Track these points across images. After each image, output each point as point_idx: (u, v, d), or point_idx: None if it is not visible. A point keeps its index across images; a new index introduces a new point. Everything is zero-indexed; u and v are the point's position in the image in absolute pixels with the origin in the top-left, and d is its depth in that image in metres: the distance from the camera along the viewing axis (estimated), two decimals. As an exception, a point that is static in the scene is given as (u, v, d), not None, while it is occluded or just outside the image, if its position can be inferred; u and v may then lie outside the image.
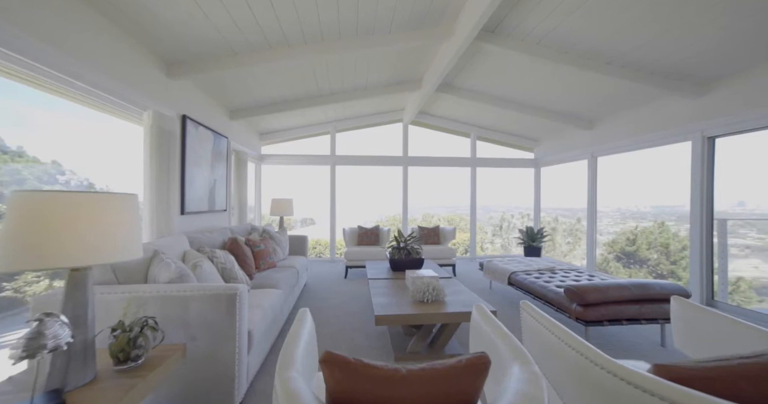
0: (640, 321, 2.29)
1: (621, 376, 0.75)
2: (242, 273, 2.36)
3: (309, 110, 4.74)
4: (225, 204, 3.86)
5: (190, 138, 2.93)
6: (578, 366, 0.89)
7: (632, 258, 9.01)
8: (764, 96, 2.83)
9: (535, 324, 1.14)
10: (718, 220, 3.47)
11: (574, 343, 0.94)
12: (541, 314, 1.13)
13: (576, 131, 4.93)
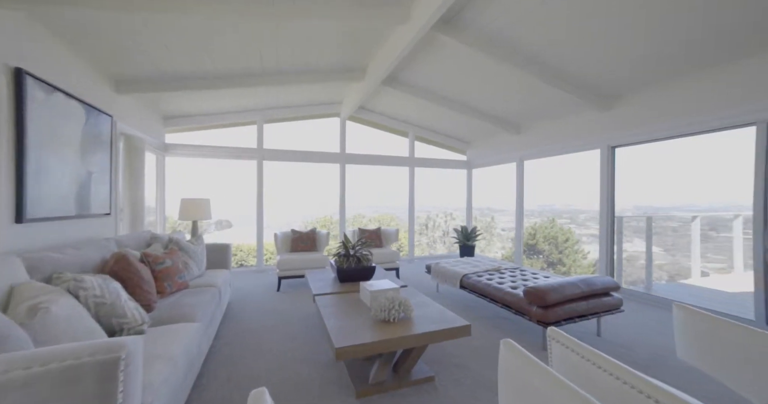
0: (587, 316, 2.34)
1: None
2: (134, 306, 1.60)
3: (232, 93, 3.88)
4: (108, 206, 2.81)
5: (35, 107, 1.93)
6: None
7: (532, 250, 10.27)
8: (652, 114, 3.29)
9: (572, 356, 0.87)
10: (618, 217, 3.98)
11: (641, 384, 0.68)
12: (580, 344, 0.87)
13: (506, 135, 5.20)
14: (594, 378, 0.82)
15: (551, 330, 0.97)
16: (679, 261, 5.23)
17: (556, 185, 12.26)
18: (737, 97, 2.71)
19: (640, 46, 2.67)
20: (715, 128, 2.91)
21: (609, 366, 0.80)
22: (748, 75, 2.63)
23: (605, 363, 0.79)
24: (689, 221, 4.51)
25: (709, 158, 5.71)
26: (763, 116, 2.58)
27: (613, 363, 0.79)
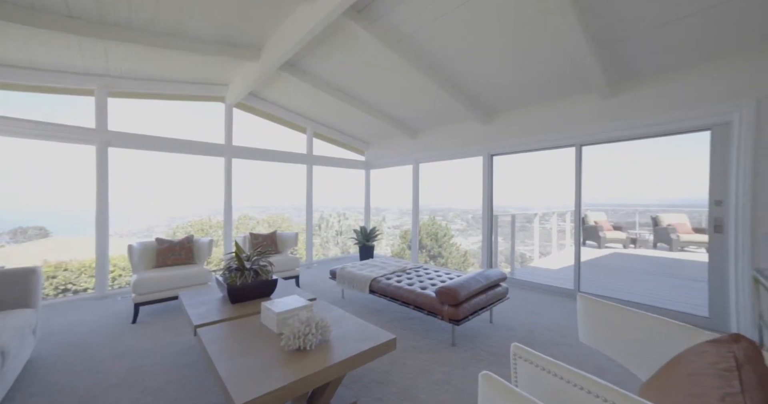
0: (486, 308, 2.55)
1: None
2: None
3: (58, 38, 2.63)
4: None
5: None
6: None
7: (418, 245, 11.30)
8: (519, 130, 3.96)
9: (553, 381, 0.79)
10: (495, 216, 4.65)
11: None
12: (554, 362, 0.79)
13: (404, 138, 5.39)
14: (570, 396, 0.75)
15: (515, 347, 0.87)
16: (529, 249, 6.57)
17: (434, 187, 13.79)
18: (564, 125, 3.51)
19: (510, 75, 3.15)
20: (553, 146, 3.69)
21: (579, 380, 0.74)
22: (571, 110, 3.44)
23: (590, 384, 0.73)
24: (533, 218, 5.70)
25: (554, 167, 7.33)
26: (578, 141, 3.41)
27: (585, 377, 0.74)
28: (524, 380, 0.85)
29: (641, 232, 7.77)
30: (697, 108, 2.67)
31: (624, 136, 3.17)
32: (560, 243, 7.68)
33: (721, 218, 2.59)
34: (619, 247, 7.22)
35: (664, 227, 6.95)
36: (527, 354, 0.81)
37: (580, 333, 1.35)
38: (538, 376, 0.79)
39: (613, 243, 7.32)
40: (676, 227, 6.79)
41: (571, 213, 8.23)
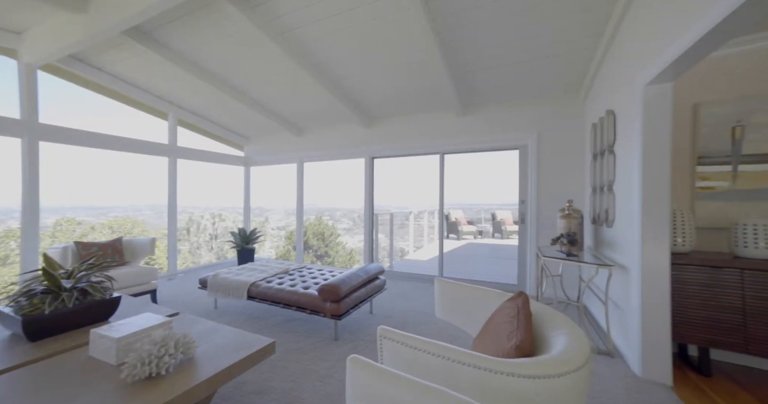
0: (366, 300, 2.73)
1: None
2: None
3: None
4: None
5: None
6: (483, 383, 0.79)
7: (304, 246, 11.05)
8: (394, 136, 4.41)
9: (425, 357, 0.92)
10: (375, 214, 4.99)
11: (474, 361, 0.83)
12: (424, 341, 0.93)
13: (288, 135, 5.15)
14: (421, 361, 0.90)
15: (381, 329, 0.98)
16: (406, 244, 7.34)
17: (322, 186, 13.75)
18: (431, 135, 4.13)
19: (389, 87, 3.49)
20: (423, 153, 4.28)
21: (433, 348, 0.90)
22: (436, 123, 4.08)
23: (430, 346, 0.89)
24: (408, 216, 6.44)
25: (426, 171, 8.28)
26: (442, 150, 4.08)
27: (436, 345, 0.90)
28: (389, 356, 0.96)
29: (485, 225, 9.84)
30: (512, 133, 3.60)
31: (473, 148, 3.96)
32: (430, 237, 8.94)
33: (524, 212, 3.58)
34: (471, 238, 8.96)
35: (498, 221, 9.03)
36: (389, 333, 0.93)
37: (436, 310, 1.62)
38: (398, 351, 0.92)
39: (468, 235, 9.01)
40: (504, 220, 8.92)
41: (431, 211, 9.71)
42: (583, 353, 0.85)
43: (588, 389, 0.89)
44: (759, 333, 1.76)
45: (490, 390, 0.80)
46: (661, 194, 1.84)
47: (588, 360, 0.84)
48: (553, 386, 0.77)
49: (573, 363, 0.80)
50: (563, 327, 1.04)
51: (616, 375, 1.91)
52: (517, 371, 0.77)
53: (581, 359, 0.83)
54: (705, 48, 1.40)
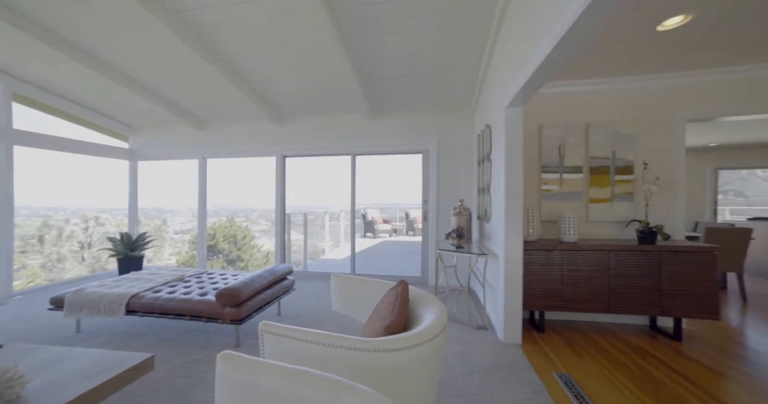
0: (272, 301, 2.65)
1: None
2: None
3: None
4: None
5: None
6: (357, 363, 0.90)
7: (212, 250, 9.95)
8: (306, 135, 4.37)
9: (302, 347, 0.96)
10: (287, 214, 4.84)
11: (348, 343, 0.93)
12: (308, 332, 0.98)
13: (187, 127, 4.56)
14: (300, 350, 0.96)
15: (263, 325, 1.00)
16: (323, 243, 7.28)
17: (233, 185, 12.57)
18: (343, 136, 4.23)
19: (299, 85, 3.44)
20: (336, 153, 4.36)
21: (309, 336, 0.97)
22: (348, 125, 4.20)
23: (307, 335, 0.95)
24: (324, 215, 6.42)
25: (343, 171, 8.22)
26: (353, 151, 4.23)
27: (312, 333, 0.97)
28: (270, 350, 0.99)
29: (400, 224, 10.49)
30: (417, 138, 3.97)
31: (382, 151, 4.19)
32: (348, 237, 9.09)
33: (426, 211, 3.99)
34: (387, 236, 9.43)
35: (411, 219, 9.75)
36: (269, 327, 0.97)
37: (333, 303, 1.71)
38: (278, 343, 0.96)
39: (384, 233, 9.46)
40: (416, 219, 9.67)
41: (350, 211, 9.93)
42: (437, 327, 1.04)
43: (442, 353, 1.09)
44: (569, 295, 2.38)
45: (359, 367, 0.91)
46: (517, 195, 2.31)
47: (440, 332, 1.04)
48: (409, 355, 0.93)
49: (425, 335, 0.98)
50: (432, 308, 1.24)
51: (486, 342, 2.33)
52: (379, 347, 0.91)
53: (434, 332, 1.02)
54: (533, 85, 1.84)
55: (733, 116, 2.63)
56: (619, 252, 2.35)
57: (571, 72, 2.59)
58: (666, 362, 2.05)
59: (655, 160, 2.64)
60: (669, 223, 2.61)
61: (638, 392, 1.74)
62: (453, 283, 3.64)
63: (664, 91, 2.64)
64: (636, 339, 2.38)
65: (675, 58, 2.36)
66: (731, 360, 2.10)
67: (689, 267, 2.26)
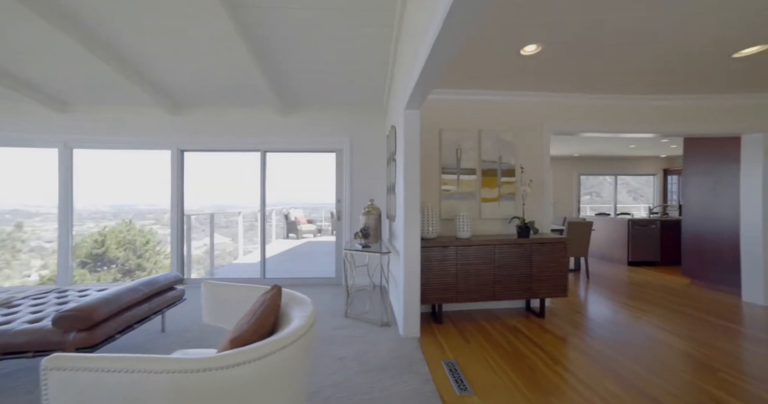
0: (151, 317, 2.23)
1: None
2: None
3: None
4: None
5: None
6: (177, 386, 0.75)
7: (101, 260, 8.19)
8: (210, 128, 3.89)
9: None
10: (187, 215, 4.22)
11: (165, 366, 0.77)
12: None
13: (41, 108, 3.58)
14: (107, 384, 0.77)
15: (49, 359, 0.77)
16: (234, 246, 6.62)
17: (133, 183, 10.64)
18: (252, 131, 3.89)
19: (196, 72, 3.01)
20: (244, 149, 3.98)
21: (119, 363, 0.78)
22: (257, 119, 3.88)
23: (116, 362, 0.76)
24: (237, 215, 5.84)
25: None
26: (263, 147, 3.92)
27: (123, 358, 0.78)
28: (58, 393, 0.75)
29: (325, 223, 10.23)
30: (330, 136, 3.87)
31: (295, 148, 3.97)
32: (273, 238, 8.47)
33: (340, 210, 3.93)
34: (311, 236, 9.09)
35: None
36: (58, 361, 0.75)
37: (203, 315, 1.49)
38: (73, 380, 0.74)
39: (308, 234, 9.09)
40: (342, 218, 9.55)
41: (278, 211, 9.31)
42: (294, 334, 0.96)
43: (304, 360, 1.01)
44: (462, 287, 2.60)
45: (190, 392, 0.77)
46: (414, 194, 2.40)
47: (296, 338, 0.95)
48: (254, 369, 0.82)
49: (275, 344, 0.89)
50: (302, 312, 1.15)
51: (387, 339, 2.36)
52: (212, 365, 0.78)
53: (288, 339, 0.93)
54: (422, 89, 1.93)
55: (587, 132, 3.22)
56: (502, 246, 2.65)
57: (465, 82, 2.82)
58: (531, 337, 2.38)
59: (530, 165, 3.06)
60: (539, 219, 3.06)
61: (506, 367, 1.97)
62: (366, 282, 3.65)
63: (536, 107, 3.08)
64: (513, 321, 2.71)
65: (539, 81, 2.77)
66: (573, 328, 2.56)
67: (549, 256, 2.67)
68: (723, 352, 2.17)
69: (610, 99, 3.12)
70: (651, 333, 2.49)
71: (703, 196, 3.87)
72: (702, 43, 2.16)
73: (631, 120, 3.17)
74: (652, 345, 2.28)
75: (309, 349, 1.07)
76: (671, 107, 3.20)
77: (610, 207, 8.42)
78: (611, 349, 2.20)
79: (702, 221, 3.87)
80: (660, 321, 2.73)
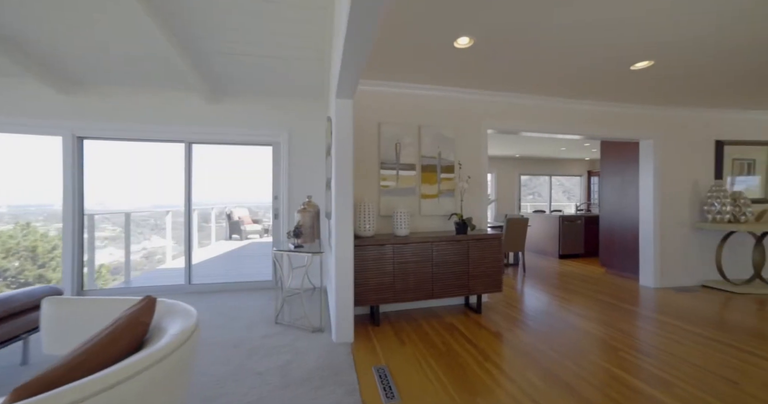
0: (5, 343, 1.74)
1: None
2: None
3: None
4: None
5: None
6: None
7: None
8: (119, 112, 3.31)
9: None
10: (88, 216, 3.54)
11: None
12: None
13: None
14: None
15: None
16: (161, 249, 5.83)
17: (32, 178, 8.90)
18: (174, 119, 3.41)
19: (99, 41, 2.49)
20: (164, 139, 3.46)
21: None
22: (181, 106, 3.39)
23: None
24: (165, 215, 5.13)
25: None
26: (189, 138, 3.45)
27: None
28: None
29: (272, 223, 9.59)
30: (267, 128, 3.53)
31: (226, 140, 3.55)
32: (219, 238, 7.67)
33: (277, 208, 3.61)
34: (257, 237, 8.45)
35: (285, 218, 9.05)
36: None
37: (44, 344, 1.13)
38: None
39: (253, 234, 8.43)
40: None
41: (220, 210, 8.49)
42: (141, 363, 0.72)
43: (168, 386, 0.77)
44: (400, 287, 2.49)
45: None
46: (346, 189, 2.22)
47: (144, 368, 0.72)
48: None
49: (102, 381, 0.64)
50: (174, 327, 0.91)
51: (317, 346, 2.15)
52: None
53: (134, 368, 0.69)
54: (349, 76, 1.77)
55: (521, 131, 3.32)
56: (440, 243, 2.60)
57: (405, 75, 2.72)
58: (466, 334, 2.35)
59: (469, 161, 3.08)
60: (478, 215, 3.09)
61: (438, 368, 1.89)
62: (307, 284, 3.40)
63: (474, 105, 3.11)
64: (452, 318, 2.69)
65: (476, 77, 2.78)
66: (506, 322, 2.61)
67: (485, 252, 2.69)
68: (623, 332, 2.38)
69: (540, 100, 3.27)
70: (571, 320, 2.63)
71: (614, 194, 4.30)
72: (607, 54, 2.32)
73: (559, 122, 3.37)
74: (571, 332, 2.40)
75: (183, 372, 0.84)
76: (590, 112, 3.46)
77: (547, 205, 9.16)
78: (537, 340, 2.26)
79: (613, 216, 4.30)
80: (579, 309, 2.91)
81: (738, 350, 2.11)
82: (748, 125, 3.89)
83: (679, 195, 3.73)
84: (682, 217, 3.74)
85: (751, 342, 2.23)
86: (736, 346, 2.17)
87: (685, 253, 3.74)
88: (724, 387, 1.69)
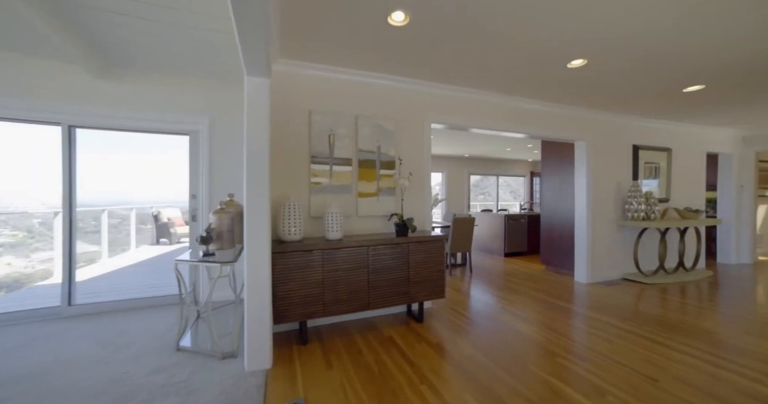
0: None
1: None
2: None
3: None
4: None
5: None
6: None
7: None
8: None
9: None
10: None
11: None
12: None
13: None
14: None
15: None
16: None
17: None
18: (42, 93, 2.70)
19: None
20: (32, 120, 2.72)
21: None
22: (52, 77, 2.69)
23: None
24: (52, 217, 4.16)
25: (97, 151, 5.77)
26: (69, 120, 2.76)
27: None
28: None
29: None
30: (182, 114, 2.95)
31: (127, 126, 2.89)
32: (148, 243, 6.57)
33: (195, 209, 3.06)
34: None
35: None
36: None
37: None
38: None
39: (185, 237, 7.45)
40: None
41: (141, 211, 7.35)
42: None
43: None
44: (330, 298, 2.17)
45: None
46: (260, 185, 1.84)
47: None
48: None
49: None
50: None
51: (221, 378, 1.74)
52: None
53: None
54: (252, 50, 1.39)
55: (465, 127, 3.19)
56: (377, 247, 2.33)
57: (338, 57, 2.39)
58: (403, 350, 2.11)
59: (411, 157, 2.86)
60: (420, 216, 2.89)
61: (366, 396, 1.61)
62: (230, 296, 2.92)
63: (417, 96, 2.89)
64: (391, 330, 2.43)
65: (416, 65, 2.56)
66: (448, 331, 2.43)
67: (427, 255, 2.49)
68: (559, 334, 2.34)
69: (485, 95, 3.18)
70: (512, 324, 2.55)
71: (552, 193, 4.45)
72: (548, 44, 2.24)
73: (504, 119, 3.31)
74: (512, 337, 2.30)
75: None
76: (534, 111, 3.47)
77: (495, 205, 9.49)
78: (478, 350, 2.10)
79: (552, 215, 4.45)
80: (520, 310, 2.86)
81: (653, 342, 2.19)
82: (656, 133, 4.29)
83: (607, 195, 3.94)
84: (609, 215, 3.96)
85: (664, 333, 2.34)
86: (651, 338, 2.25)
87: (611, 249, 3.97)
88: (648, 387, 1.66)
